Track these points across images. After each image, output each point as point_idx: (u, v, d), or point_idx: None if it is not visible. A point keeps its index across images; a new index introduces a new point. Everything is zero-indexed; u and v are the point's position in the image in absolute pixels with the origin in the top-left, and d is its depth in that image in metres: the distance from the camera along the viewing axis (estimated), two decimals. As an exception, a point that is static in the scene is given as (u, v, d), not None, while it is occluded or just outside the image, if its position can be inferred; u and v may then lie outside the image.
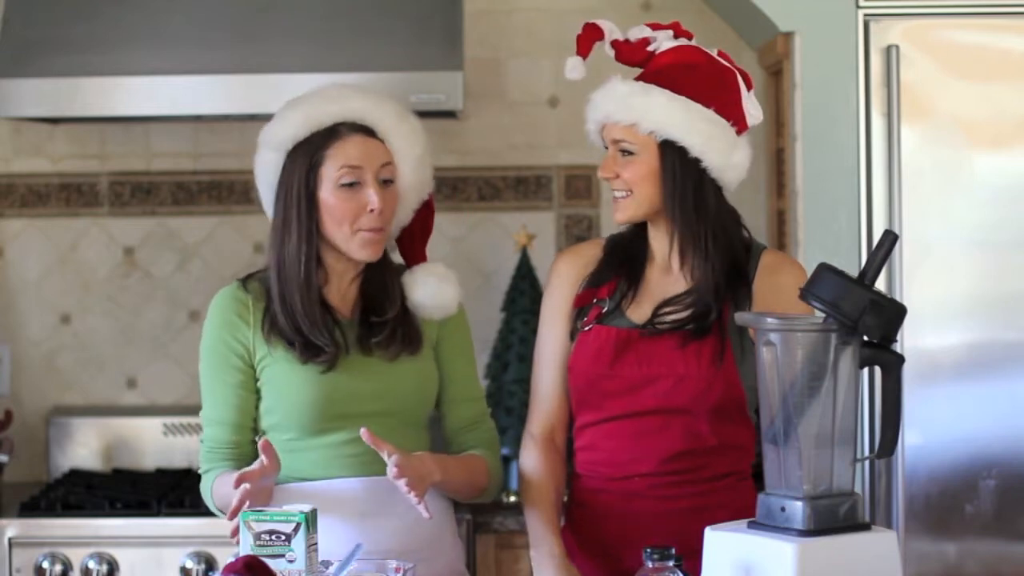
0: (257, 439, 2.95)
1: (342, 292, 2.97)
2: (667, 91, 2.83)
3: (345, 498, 2.87)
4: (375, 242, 2.91)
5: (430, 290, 2.99)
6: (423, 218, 3.06)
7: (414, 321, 2.98)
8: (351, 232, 2.89)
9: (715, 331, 2.83)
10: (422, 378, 2.98)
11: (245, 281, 2.98)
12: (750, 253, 2.91)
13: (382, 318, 2.95)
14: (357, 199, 2.88)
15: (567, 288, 2.97)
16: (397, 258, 3.07)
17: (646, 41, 2.91)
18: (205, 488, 2.96)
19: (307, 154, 2.89)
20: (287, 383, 2.89)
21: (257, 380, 2.93)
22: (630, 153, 2.85)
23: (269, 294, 2.93)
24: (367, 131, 2.92)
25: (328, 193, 2.88)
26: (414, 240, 3.06)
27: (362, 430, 2.76)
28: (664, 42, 2.91)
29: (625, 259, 2.94)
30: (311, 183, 2.89)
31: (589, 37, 2.91)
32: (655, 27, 2.93)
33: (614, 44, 2.92)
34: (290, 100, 2.97)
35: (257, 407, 2.94)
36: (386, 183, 2.92)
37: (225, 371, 2.92)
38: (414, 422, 2.98)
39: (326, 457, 2.89)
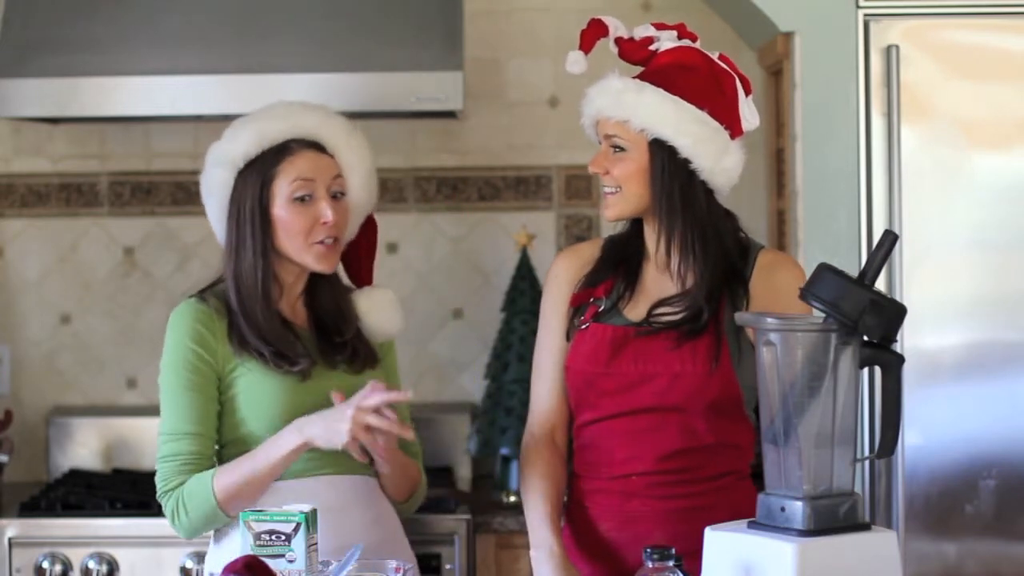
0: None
1: (292, 304, 3.02)
2: (661, 90, 2.83)
3: (309, 495, 2.87)
4: (331, 254, 2.97)
5: (384, 315, 3.06)
6: (368, 235, 3.13)
7: (367, 340, 3.05)
8: (305, 245, 2.94)
9: (711, 330, 2.83)
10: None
11: (203, 295, 2.99)
12: (748, 253, 2.91)
13: (342, 338, 3.01)
14: (310, 213, 2.93)
15: (565, 288, 2.97)
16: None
17: (649, 40, 2.91)
18: (199, 488, 2.88)
19: (259, 172, 2.94)
20: (262, 392, 2.91)
21: (222, 393, 2.94)
22: (621, 149, 2.86)
23: (230, 307, 2.96)
24: (317, 147, 2.98)
25: (281, 208, 2.93)
26: (360, 259, 3.13)
27: (333, 394, 2.84)
28: (666, 42, 2.91)
29: (622, 258, 2.95)
30: (264, 200, 2.93)
31: (594, 33, 2.92)
32: (660, 27, 2.93)
33: (618, 41, 2.92)
34: (238, 120, 3.02)
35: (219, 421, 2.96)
36: (337, 197, 2.98)
37: (199, 382, 2.91)
38: None
39: (298, 466, 2.90)
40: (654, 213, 2.87)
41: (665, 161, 2.84)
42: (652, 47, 2.91)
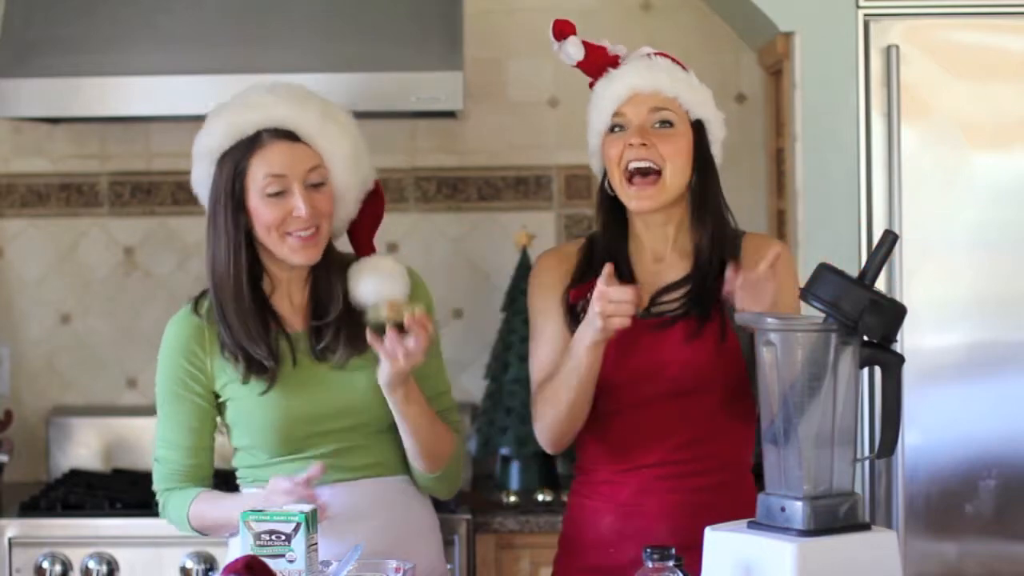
0: (233, 463, 2.98)
1: (292, 301, 2.95)
2: (692, 74, 2.90)
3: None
4: (308, 246, 2.87)
5: (371, 287, 2.91)
6: (372, 206, 3.02)
7: (358, 319, 2.90)
8: (280, 237, 2.85)
9: (716, 309, 2.83)
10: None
11: (197, 303, 2.95)
12: (735, 238, 2.93)
13: (324, 320, 2.91)
14: (283, 206, 2.85)
15: (557, 280, 2.93)
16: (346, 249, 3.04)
17: (604, 48, 2.95)
18: (177, 507, 2.93)
19: (232, 163, 2.86)
20: (251, 408, 2.89)
21: (219, 400, 2.92)
22: (670, 124, 2.85)
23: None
24: (291, 136, 2.88)
25: (256, 201, 2.86)
26: (363, 229, 3.02)
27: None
28: (620, 48, 2.95)
29: (610, 255, 2.92)
30: (238, 191, 2.86)
31: (570, 28, 2.92)
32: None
33: (585, 44, 2.93)
34: (214, 108, 2.95)
35: (215, 428, 2.95)
36: (317, 186, 2.88)
37: (188, 396, 2.91)
38: (383, 427, 2.95)
39: (302, 471, 2.82)
40: (691, 200, 2.87)
41: (705, 143, 2.87)
42: (611, 53, 2.95)
